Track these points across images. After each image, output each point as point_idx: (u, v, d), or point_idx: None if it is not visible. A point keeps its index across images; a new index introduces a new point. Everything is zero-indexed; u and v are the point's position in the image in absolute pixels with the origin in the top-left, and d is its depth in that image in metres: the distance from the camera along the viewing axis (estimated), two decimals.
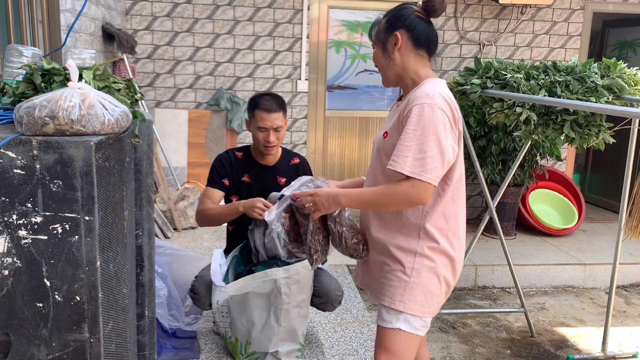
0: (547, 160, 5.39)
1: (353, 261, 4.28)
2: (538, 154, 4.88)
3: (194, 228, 4.66)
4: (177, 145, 5.05)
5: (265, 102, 2.66)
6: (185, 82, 5.04)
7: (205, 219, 2.70)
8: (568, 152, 5.66)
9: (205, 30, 4.97)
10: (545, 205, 5.39)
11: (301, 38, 5.07)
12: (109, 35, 4.16)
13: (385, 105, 5.43)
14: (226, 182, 2.72)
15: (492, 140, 4.77)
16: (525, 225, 5.25)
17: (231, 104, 5.00)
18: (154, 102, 5.03)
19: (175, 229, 4.55)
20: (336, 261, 4.10)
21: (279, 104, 2.69)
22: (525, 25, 5.36)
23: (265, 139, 2.66)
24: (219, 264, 2.51)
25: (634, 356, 3.39)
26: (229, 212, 2.62)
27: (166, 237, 4.37)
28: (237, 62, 5.05)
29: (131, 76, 4.41)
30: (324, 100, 5.25)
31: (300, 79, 5.14)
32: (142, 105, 4.38)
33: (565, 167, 5.72)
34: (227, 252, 2.79)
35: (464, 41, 5.30)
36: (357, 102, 5.37)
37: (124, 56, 4.33)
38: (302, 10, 5.03)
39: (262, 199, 2.50)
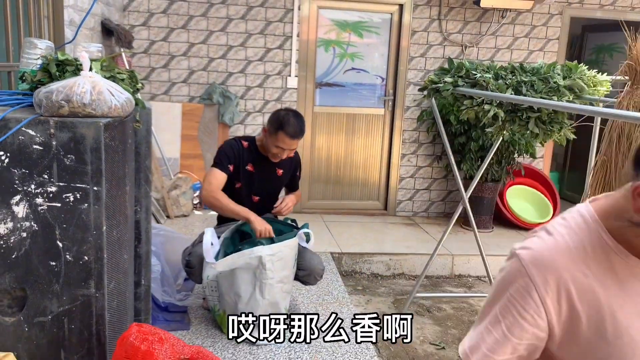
0: (524, 157, 5.65)
1: (337, 249, 4.53)
2: (515, 151, 5.14)
3: (185, 216, 4.87)
4: (171, 137, 5.26)
5: (291, 128, 2.75)
6: (180, 76, 5.26)
7: (212, 205, 2.86)
8: (545, 150, 5.92)
9: (200, 27, 5.19)
10: (521, 200, 5.65)
11: (291, 36, 5.30)
12: (108, 31, 4.36)
13: (370, 103, 5.66)
14: (231, 168, 2.90)
15: (471, 137, 5.01)
16: (503, 219, 5.50)
17: (223, 98, 5.22)
18: (149, 95, 5.24)
19: (168, 217, 4.77)
20: (320, 249, 4.33)
21: (302, 130, 2.80)
22: (506, 29, 5.62)
23: (279, 154, 2.84)
24: (210, 243, 2.71)
25: None
26: (237, 213, 2.80)
27: (159, 224, 4.58)
28: (230, 58, 5.27)
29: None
30: (312, 97, 5.48)
31: (290, 76, 5.36)
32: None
33: (543, 164, 5.98)
34: (219, 224, 3.02)
35: (447, 42, 5.55)
36: (345, 99, 5.60)
37: (122, 50, 4.53)
38: (292, 9, 5.25)
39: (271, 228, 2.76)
